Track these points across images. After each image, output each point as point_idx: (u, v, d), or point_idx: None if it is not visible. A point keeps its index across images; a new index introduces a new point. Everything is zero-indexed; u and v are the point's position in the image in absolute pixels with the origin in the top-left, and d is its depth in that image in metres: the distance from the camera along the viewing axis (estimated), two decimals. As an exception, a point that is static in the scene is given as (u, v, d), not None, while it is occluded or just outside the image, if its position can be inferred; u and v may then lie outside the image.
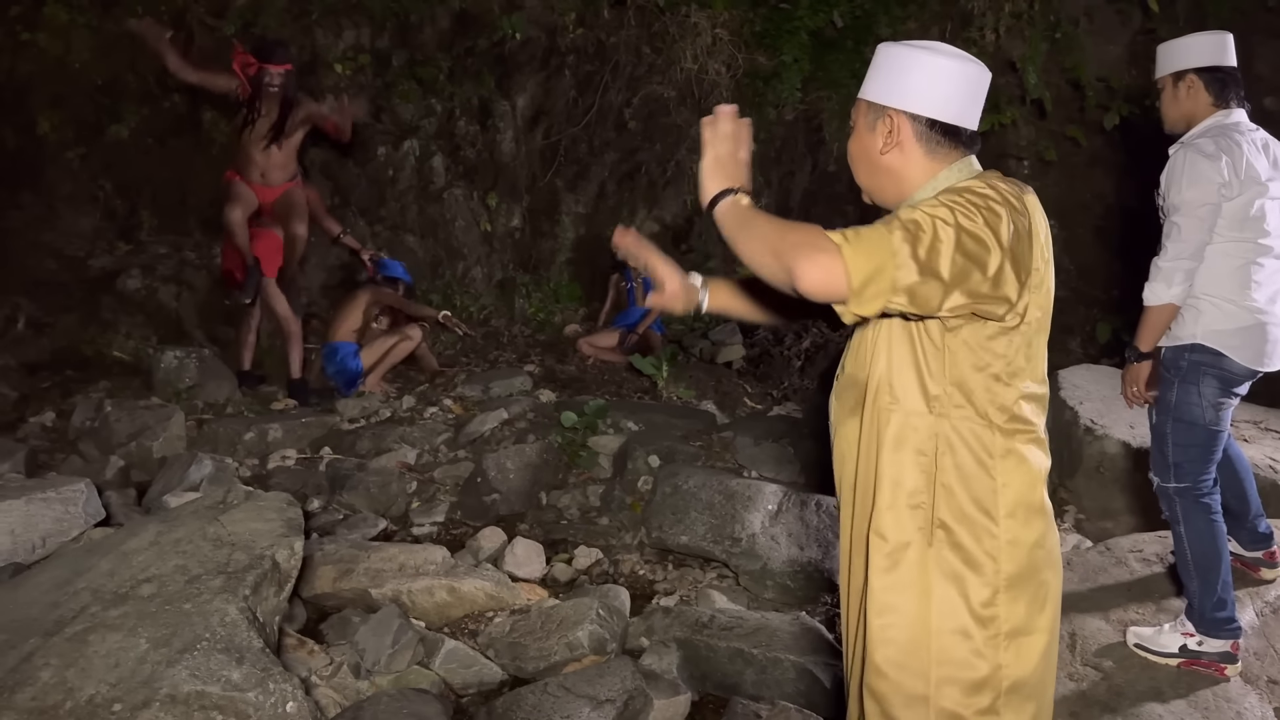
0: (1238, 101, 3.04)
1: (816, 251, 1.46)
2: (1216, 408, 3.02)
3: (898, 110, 1.71)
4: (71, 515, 3.79)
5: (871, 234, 1.48)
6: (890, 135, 1.72)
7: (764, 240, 1.54)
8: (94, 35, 8.07)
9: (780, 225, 1.55)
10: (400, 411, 6.15)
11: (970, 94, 1.72)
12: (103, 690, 2.38)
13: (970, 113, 1.73)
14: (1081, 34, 7.09)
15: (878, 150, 1.75)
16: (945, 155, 1.72)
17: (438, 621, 3.81)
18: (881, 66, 1.74)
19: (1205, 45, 3.08)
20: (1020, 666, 1.69)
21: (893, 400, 1.70)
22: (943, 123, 1.70)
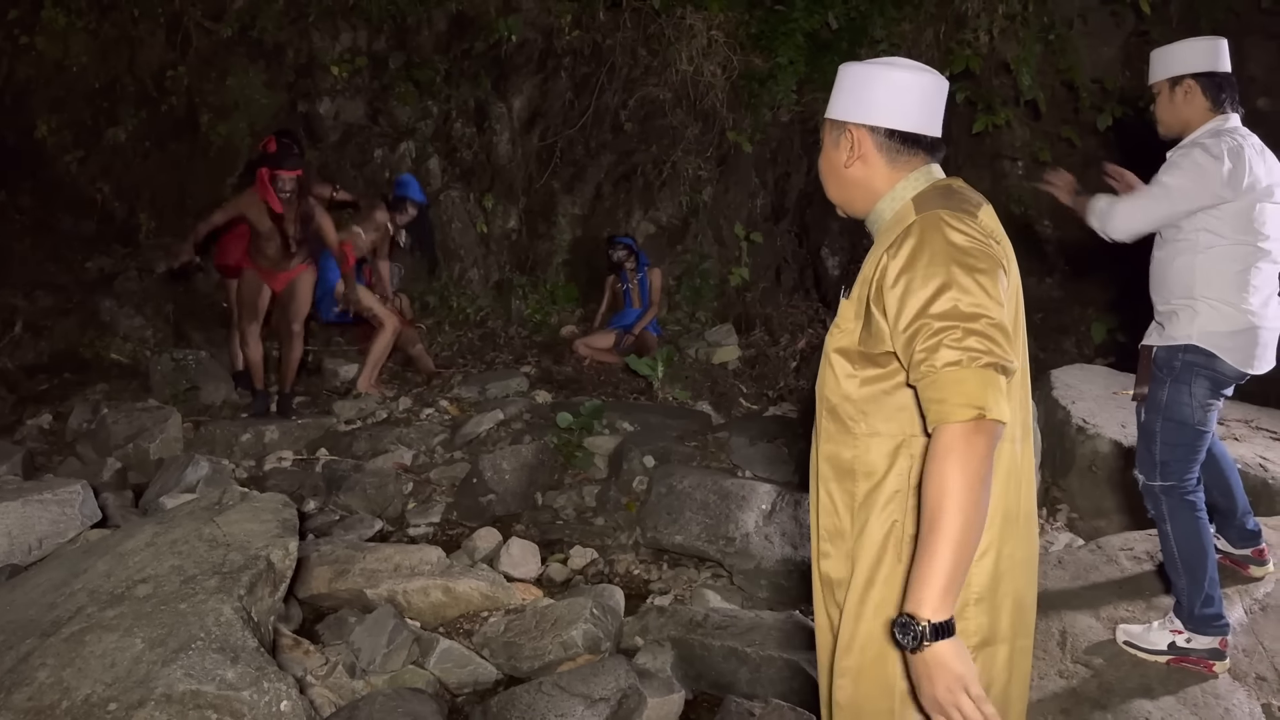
0: (1233, 106, 3.06)
1: (990, 446, 1.48)
2: (1205, 408, 3.05)
3: (857, 124, 1.77)
4: (68, 517, 3.82)
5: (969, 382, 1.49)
6: (852, 149, 1.78)
7: (969, 500, 1.46)
8: (92, 39, 8.11)
9: (953, 495, 1.46)
10: (396, 413, 6.18)
11: (926, 103, 1.76)
12: (99, 690, 2.41)
13: (929, 121, 1.77)
14: (1075, 35, 7.10)
15: (842, 164, 1.80)
16: (906, 163, 1.77)
17: (433, 621, 3.84)
18: (842, 85, 1.81)
19: (1202, 50, 3.10)
20: (984, 676, 1.67)
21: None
22: (901, 132, 1.75)
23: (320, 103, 8.35)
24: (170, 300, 7.29)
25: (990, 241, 1.62)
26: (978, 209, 1.69)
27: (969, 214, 1.64)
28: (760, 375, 7.14)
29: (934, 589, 1.43)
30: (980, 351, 1.49)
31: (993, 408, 1.47)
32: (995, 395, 1.48)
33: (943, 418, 1.49)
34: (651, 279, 7.52)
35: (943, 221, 1.60)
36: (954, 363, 1.49)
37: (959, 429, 1.47)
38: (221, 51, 8.27)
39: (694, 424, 5.86)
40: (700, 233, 8.09)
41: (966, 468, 1.45)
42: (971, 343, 1.50)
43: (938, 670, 1.44)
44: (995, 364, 1.49)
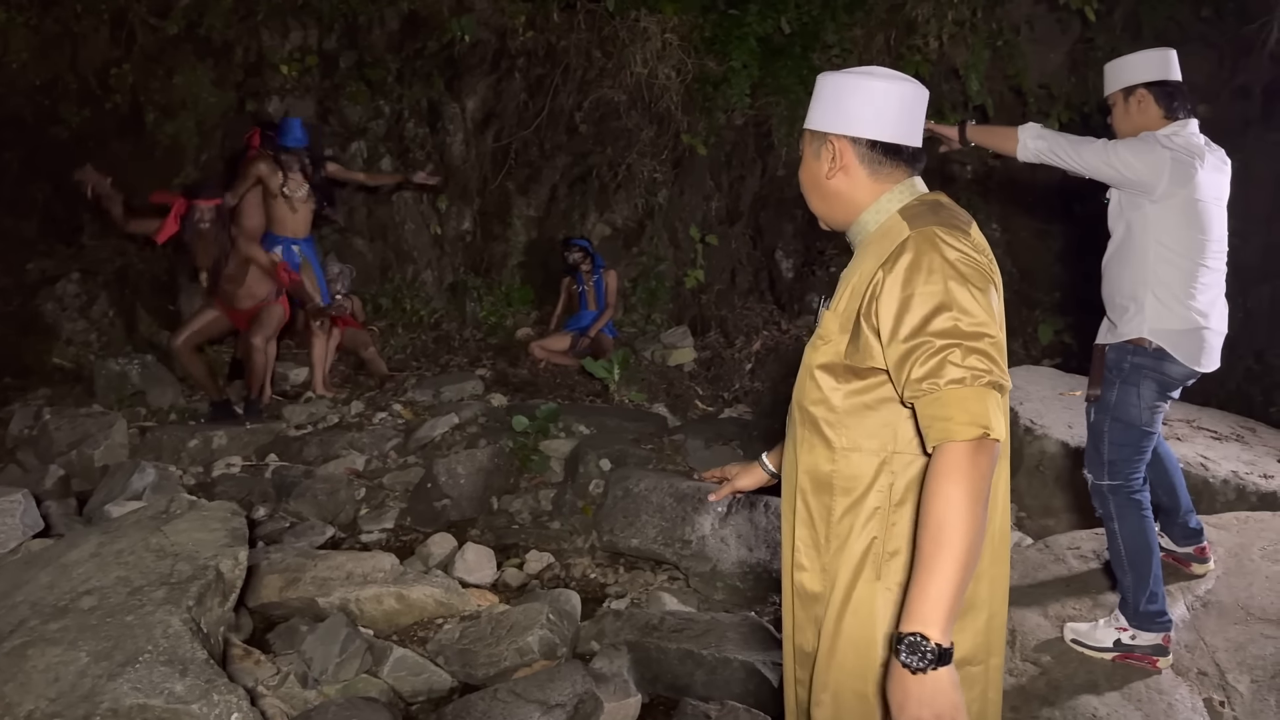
0: (1185, 113, 3.14)
1: (989, 464, 1.47)
2: (1152, 410, 3.12)
3: (838, 135, 1.75)
4: (9, 527, 3.72)
5: (974, 401, 1.48)
6: (834, 160, 1.76)
7: (971, 521, 1.45)
8: (33, 34, 7.91)
9: (956, 516, 1.44)
10: (348, 417, 6.11)
11: (907, 113, 1.74)
12: (42, 705, 2.35)
13: (910, 131, 1.75)
14: (1022, 42, 7.22)
15: (824, 176, 1.78)
16: (889, 175, 1.75)
17: (387, 629, 3.80)
18: (820, 95, 1.79)
19: (1152, 61, 3.18)
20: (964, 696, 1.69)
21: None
22: (883, 143, 1.73)
23: (270, 102, 8.22)
24: (115, 303, 7.13)
25: (982, 259, 1.62)
26: (969, 226, 1.69)
27: (962, 231, 1.64)
28: (716, 377, 7.17)
29: (941, 609, 1.40)
30: (982, 370, 1.49)
31: (995, 427, 1.47)
32: (997, 414, 1.48)
33: (947, 435, 1.48)
34: (607, 281, 7.52)
35: (939, 238, 1.59)
36: (958, 380, 1.48)
37: (964, 448, 1.46)
38: (168, 49, 8.11)
39: (650, 426, 5.87)
40: (656, 235, 8.10)
41: (971, 486, 1.44)
42: (974, 361, 1.49)
43: (935, 696, 1.40)
44: (996, 383, 1.50)
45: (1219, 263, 3.10)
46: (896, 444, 1.68)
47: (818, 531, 1.77)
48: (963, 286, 1.54)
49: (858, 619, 1.69)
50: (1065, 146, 3.04)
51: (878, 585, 1.68)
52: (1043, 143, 3.07)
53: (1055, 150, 3.05)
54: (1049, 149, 3.05)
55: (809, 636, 1.82)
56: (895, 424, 1.67)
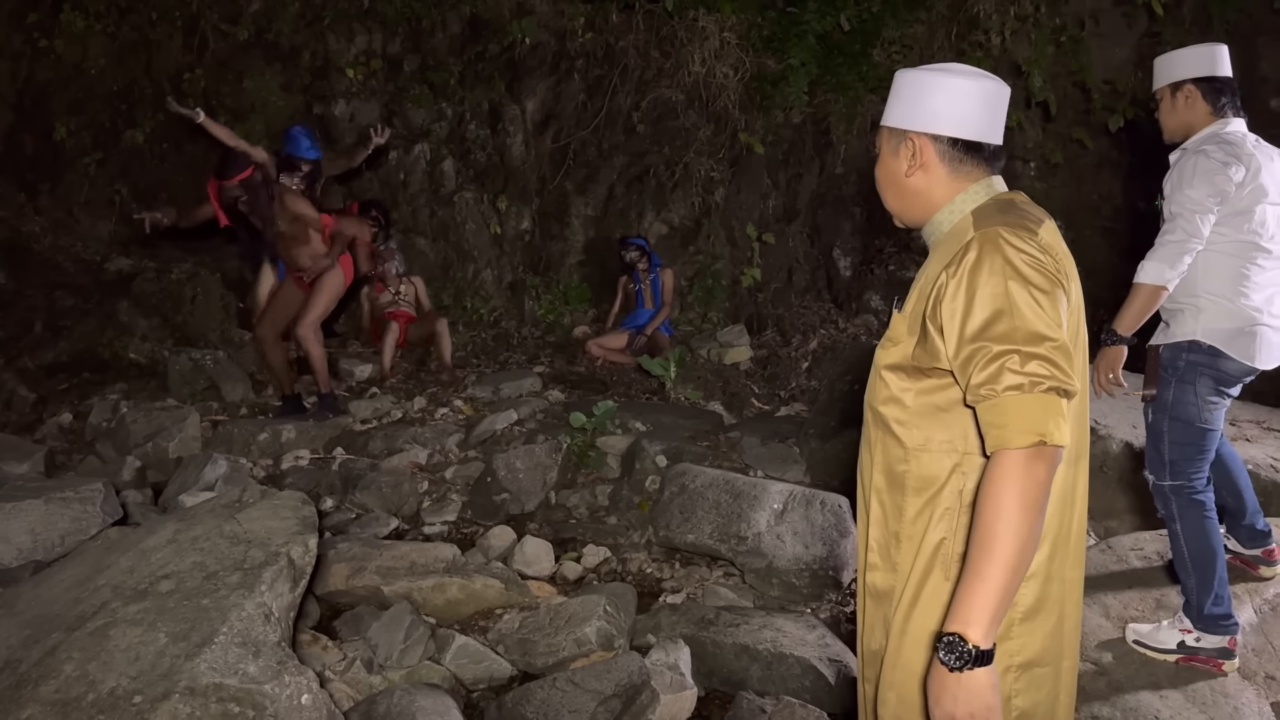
0: (1234, 111, 3.09)
1: (1049, 472, 1.46)
2: (1211, 407, 3.08)
3: (918, 133, 1.74)
4: (90, 514, 3.87)
5: (1033, 408, 1.47)
6: (913, 158, 1.75)
7: (1023, 527, 1.44)
8: (110, 42, 8.20)
9: (1006, 522, 1.44)
10: (411, 412, 6.23)
11: (988, 109, 1.73)
12: (123, 683, 2.46)
13: (991, 128, 1.74)
14: (1087, 37, 7.12)
15: (903, 173, 1.77)
16: (969, 173, 1.74)
17: (448, 618, 3.89)
18: (900, 92, 1.78)
19: (1201, 56, 3.13)
20: (1028, 696, 1.68)
21: None
22: (964, 140, 1.72)
23: (335, 105, 8.43)
24: (189, 300, 7.36)
25: (1050, 259, 1.58)
26: (1038, 225, 1.64)
27: (1029, 231, 1.60)
28: (772, 376, 7.17)
29: (984, 613, 1.42)
30: (1043, 376, 1.46)
31: (1054, 433, 1.44)
32: (1056, 421, 1.45)
33: (1003, 443, 1.47)
34: (664, 280, 7.56)
35: (1002, 239, 1.56)
36: (1015, 387, 1.46)
37: (1019, 455, 1.45)
38: (238, 54, 8.36)
39: (706, 424, 5.90)
40: (712, 234, 8.12)
41: (1024, 494, 1.43)
42: (1034, 367, 1.47)
43: (971, 695, 1.43)
44: (1058, 388, 1.47)
45: (1274, 259, 3.04)
46: (968, 445, 1.67)
47: (889, 530, 1.78)
48: (1023, 289, 1.51)
49: (925, 617, 1.70)
50: (1172, 244, 2.93)
51: (945, 585, 1.67)
52: (1159, 263, 2.96)
53: (1173, 254, 2.93)
54: (1171, 257, 2.94)
55: (879, 636, 1.83)
56: (966, 425, 1.65)
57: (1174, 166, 3.06)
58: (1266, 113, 5.95)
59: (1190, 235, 2.94)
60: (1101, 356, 3.23)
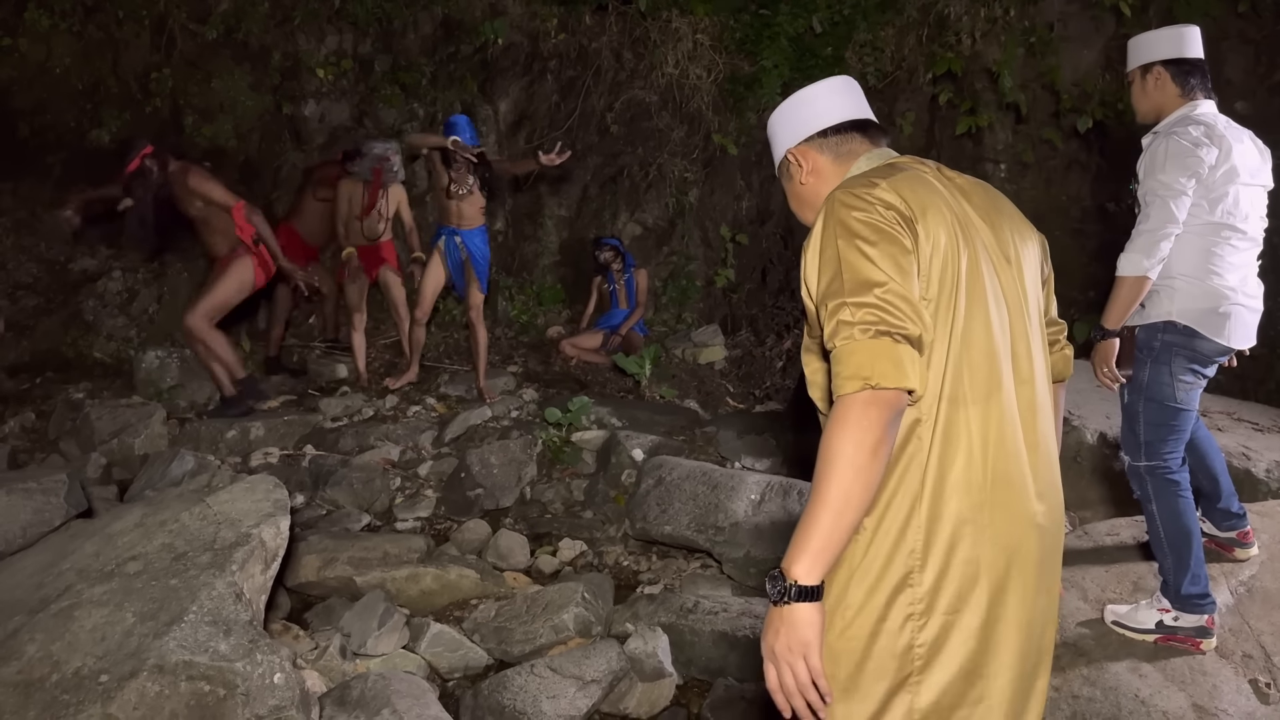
0: (1204, 93, 3.12)
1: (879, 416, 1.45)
2: (1186, 387, 3.09)
3: (793, 147, 1.86)
4: (53, 505, 3.77)
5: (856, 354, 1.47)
6: (801, 168, 1.85)
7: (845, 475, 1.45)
8: (76, 40, 8.06)
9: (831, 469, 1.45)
10: (384, 410, 6.15)
11: (839, 95, 1.85)
12: (89, 663, 2.39)
13: (851, 109, 1.85)
14: (1056, 39, 7.19)
15: (800, 185, 1.87)
16: (850, 150, 1.82)
17: (423, 609, 3.82)
18: (772, 137, 1.93)
19: (1170, 38, 3.16)
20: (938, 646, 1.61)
21: None
22: (831, 127, 1.82)
23: (305, 105, 8.34)
24: (154, 300, 7.23)
25: (890, 211, 1.58)
26: (887, 178, 1.65)
27: (869, 186, 1.62)
28: (747, 375, 7.16)
29: (805, 552, 1.44)
30: (870, 323, 1.47)
31: (884, 377, 1.43)
32: (887, 364, 1.44)
33: (838, 390, 1.47)
34: (638, 280, 7.54)
35: (836, 202, 1.61)
36: (846, 337, 1.48)
37: (849, 400, 1.45)
38: (206, 53, 8.25)
39: (682, 420, 5.87)
40: (686, 234, 8.12)
41: (854, 438, 1.43)
42: (861, 315, 1.48)
43: (788, 628, 1.46)
44: (888, 332, 1.46)
45: (1248, 240, 3.07)
46: None
47: None
48: (850, 244, 1.54)
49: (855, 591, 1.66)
50: (1148, 231, 2.95)
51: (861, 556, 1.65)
52: (1137, 254, 2.97)
53: (1150, 243, 2.94)
54: (1148, 246, 2.95)
55: None
56: None
57: (1146, 150, 3.07)
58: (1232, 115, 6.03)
59: (1165, 221, 2.95)
60: (1095, 353, 3.24)
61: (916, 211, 1.60)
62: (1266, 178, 3.13)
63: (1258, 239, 3.12)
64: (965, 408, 1.60)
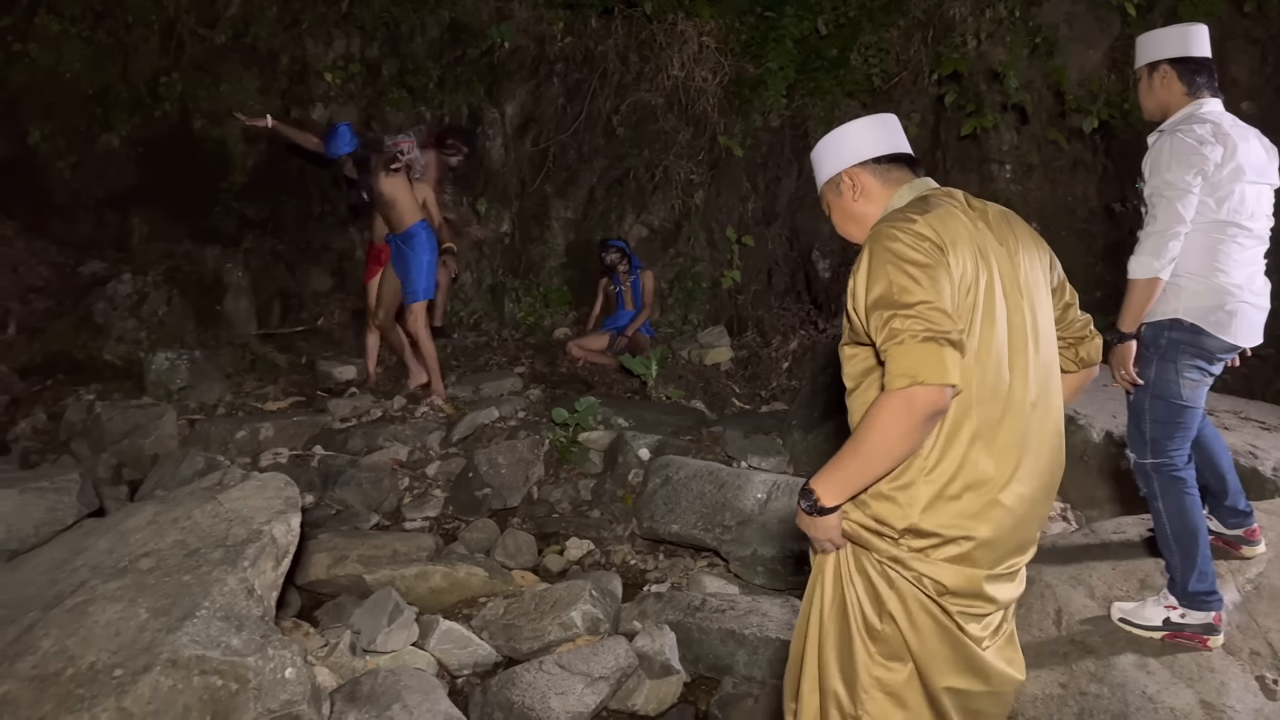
0: (1210, 91, 3.13)
1: (924, 406, 1.74)
2: (1192, 385, 3.10)
3: (848, 167, 2.12)
4: (65, 504, 3.81)
5: (906, 356, 1.74)
6: (854, 188, 2.12)
7: (881, 445, 1.80)
8: (86, 45, 8.12)
9: (871, 436, 1.80)
10: (392, 411, 6.18)
11: (886, 130, 2.14)
12: (103, 657, 2.41)
13: (896, 142, 2.14)
14: (1061, 40, 7.19)
15: (852, 203, 2.13)
16: (896, 179, 2.11)
17: (432, 607, 3.84)
18: (821, 158, 2.18)
19: (1177, 36, 3.17)
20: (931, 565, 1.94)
21: None
22: (883, 156, 2.10)
23: (314, 109, 8.39)
24: (164, 303, 7.28)
25: (927, 242, 1.85)
26: (922, 215, 1.91)
27: (909, 220, 1.89)
28: (753, 376, 7.17)
29: (832, 483, 1.87)
30: (917, 330, 1.74)
31: (928, 374, 1.71)
32: (931, 364, 1.72)
33: (889, 385, 1.76)
34: (644, 281, 7.57)
35: (883, 233, 1.88)
36: (897, 341, 1.76)
37: (898, 394, 1.74)
38: (215, 58, 8.30)
39: (688, 420, 5.89)
40: (692, 236, 8.14)
41: (893, 417, 1.76)
42: (909, 324, 1.75)
43: (819, 528, 1.94)
44: (933, 337, 1.73)
45: (1254, 238, 3.07)
46: None
47: None
48: (898, 268, 1.81)
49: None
50: (1157, 233, 2.97)
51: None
52: (1147, 255, 2.99)
53: (1159, 244, 2.97)
54: (1157, 247, 2.97)
55: None
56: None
57: (1151, 148, 3.08)
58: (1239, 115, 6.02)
59: (1173, 221, 2.95)
60: (1113, 355, 3.24)
61: (948, 243, 1.88)
62: (1273, 176, 3.14)
63: (1264, 237, 3.13)
64: (975, 407, 1.89)
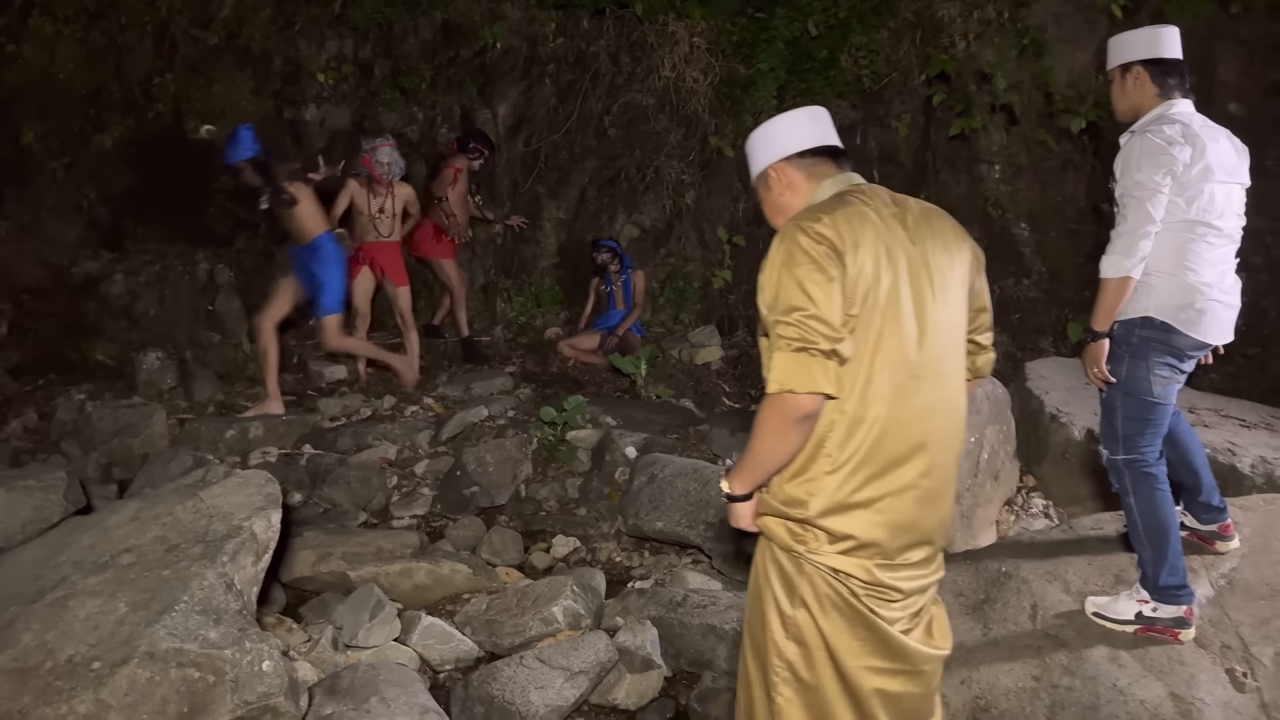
0: (1181, 92, 3.16)
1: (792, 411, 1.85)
2: (1163, 382, 3.13)
3: (774, 162, 2.15)
4: (52, 502, 3.84)
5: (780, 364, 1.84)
6: (780, 181, 2.15)
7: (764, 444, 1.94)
8: (79, 46, 8.14)
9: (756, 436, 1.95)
10: (381, 410, 6.22)
11: (812, 123, 2.17)
12: (82, 650, 2.45)
13: (822, 135, 2.16)
14: (1050, 41, 7.22)
15: (779, 197, 2.16)
16: (821, 172, 2.13)
17: (415, 603, 3.87)
18: (752, 153, 2.22)
19: (1149, 38, 3.21)
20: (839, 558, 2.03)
21: None
22: (807, 150, 2.13)
23: (306, 109, 8.43)
24: (156, 303, 7.31)
25: (824, 245, 1.87)
26: (829, 214, 1.93)
27: (815, 219, 1.91)
28: (743, 375, 7.21)
29: (740, 479, 2.03)
30: (791, 338, 1.82)
31: (796, 384, 1.81)
32: (799, 373, 1.81)
33: (766, 389, 1.88)
34: (635, 281, 7.60)
35: (786, 233, 1.92)
36: (776, 347, 1.86)
37: (771, 399, 1.87)
38: (208, 59, 8.33)
39: (676, 419, 5.92)
40: (684, 236, 8.17)
41: (769, 423, 1.89)
42: (788, 332, 1.83)
43: (734, 515, 2.11)
44: (805, 348, 1.81)
45: (1224, 237, 3.11)
46: None
47: None
48: (789, 272, 1.86)
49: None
50: (1127, 233, 3.00)
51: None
52: (1118, 255, 3.03)
53: (1129, 243, 3.00)
54: (1128, 247, 3.01)
55: None
56: None
57: (1122, 149, 3.12)
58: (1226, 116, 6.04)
59: (1143, 221, 2.99)
60: (1086, 354, 3.27)
61: (849, 245, 1.89)
62: (1243, 175, 3.18)
63: (1234, 236, 3.16)
64: (873, 404, 1.93)
